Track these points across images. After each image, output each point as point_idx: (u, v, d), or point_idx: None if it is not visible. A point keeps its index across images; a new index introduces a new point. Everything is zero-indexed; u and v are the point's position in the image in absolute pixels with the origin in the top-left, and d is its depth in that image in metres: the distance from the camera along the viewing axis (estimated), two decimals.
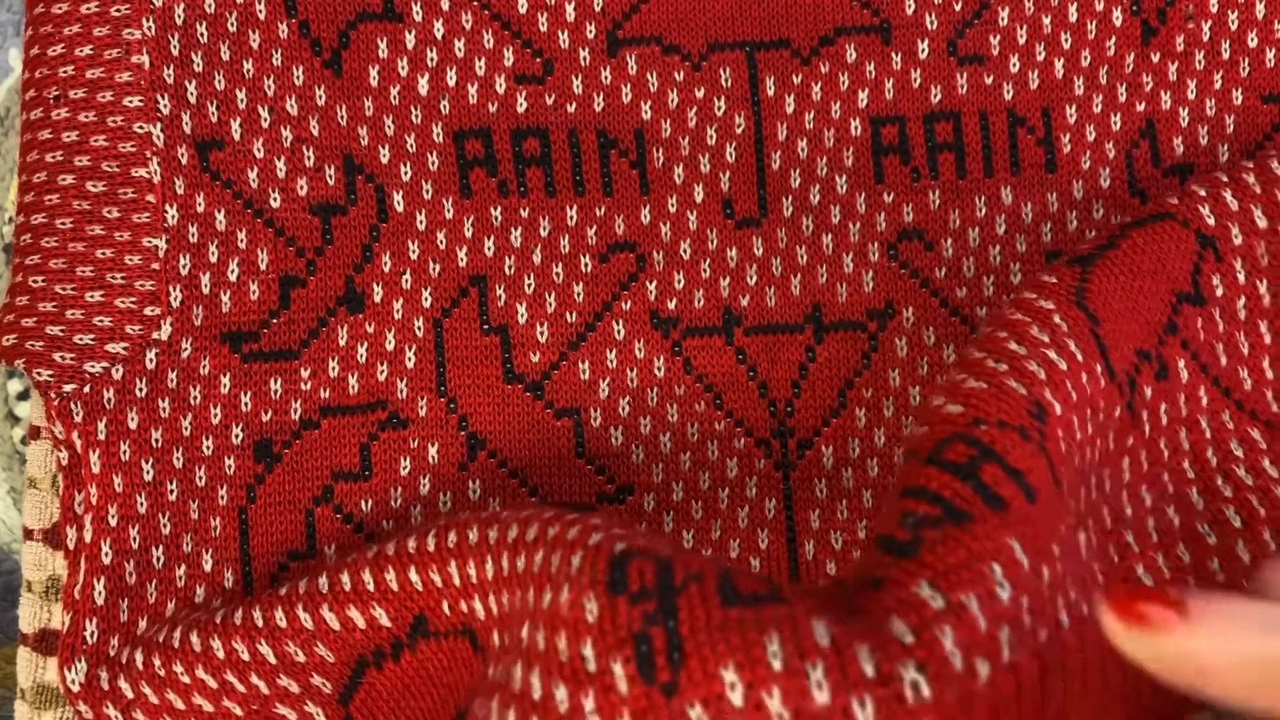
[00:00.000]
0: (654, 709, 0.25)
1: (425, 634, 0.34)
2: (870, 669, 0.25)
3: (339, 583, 0.35)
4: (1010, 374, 0.31)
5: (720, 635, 0.25)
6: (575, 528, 0.30)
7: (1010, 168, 0.42)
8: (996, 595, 0.26)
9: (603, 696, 0.26)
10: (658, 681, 0.25)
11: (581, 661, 0.26)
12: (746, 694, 0.25)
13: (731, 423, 0.41)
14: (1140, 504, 0.34)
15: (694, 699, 0.25)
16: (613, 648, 0.26)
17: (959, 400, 0.30)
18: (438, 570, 0.34)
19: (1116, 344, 0.33)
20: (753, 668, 0.25)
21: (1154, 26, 0.43)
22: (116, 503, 0.38)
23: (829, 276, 0.41)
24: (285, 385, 0.40)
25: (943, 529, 0.27)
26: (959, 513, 0.27)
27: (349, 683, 0.36)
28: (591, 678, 0.26)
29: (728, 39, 0.42)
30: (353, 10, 0.41)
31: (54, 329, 0.38)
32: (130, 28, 0.39)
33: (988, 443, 0.29)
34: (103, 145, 0.39)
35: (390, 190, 0.41)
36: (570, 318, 0.41)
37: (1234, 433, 0.36)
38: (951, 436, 0.29)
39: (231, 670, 0.36)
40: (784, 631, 0.25)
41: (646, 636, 0.26)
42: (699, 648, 0.25)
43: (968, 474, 0.28)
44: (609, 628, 0.26)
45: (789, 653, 0.25)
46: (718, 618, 0.26)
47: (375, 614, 0.35)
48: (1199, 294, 0.36)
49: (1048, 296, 0.34)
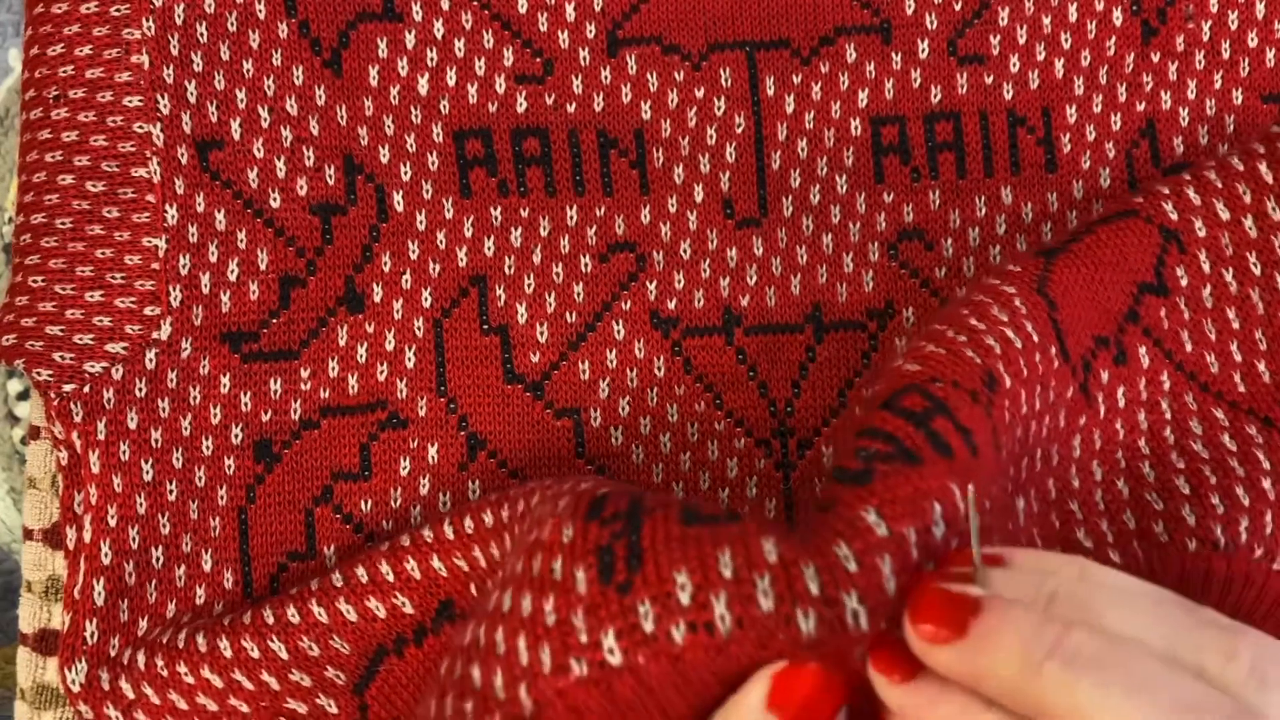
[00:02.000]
0: (606, 603, 0.27)
1: (452, 617, 0.36)
2: (815, 588, 0.27)
3: (354, 576, 0.36)
4: (968, 345, 0.33)
5: (677, 546, 0.28)
6: (567, 483, 0.32)
7: (1010, 167, 0.42)
8: (932, 532, 0.28)
9: (562, 598, 0.28)
10: (614, 582, 0.27)
11: (550, 574, 0.28)
12: (694, 594, 0.27)
13: (731, 423, 0.41)
14: (1089, 477, 0.36)
15: (644, 596, 0.27)
16: (578, 558, 0.28)
17: (917, 361, 0.32)
18: (462, 555, 0.35)
19: (1073, 329, 0.36)
20: (704, 573, 0.27)
21: (1154, 26, 0.43)
22: (116, 503, 0.37)
23: (829, 276, 0.41)
24: (285, 385, 0.40)
25: (893, 464, 0.29)
26: (910, 453, 0.29)
27: (365, 672, 0.36)
28: (556, 584, 0.28)
29: (728, 39, 0.42)
30: (353, 10, 0.41)
31: (54, 329, 0.38)
32: (130, 28, 0.39)
33: (941, 397, 0.31)
34: (102, 145, 0.39)
35: (390, 190, 0.41)
36: (570, 318, 0.41)
37: (1195, 413, 0.38)
38: (908, 387, 0.31)
39: (240, 669, 0.36)
40: (735, 546, 0.27)
41: (610, 549, 0.28)
42: (655, 555, 0.27)
43: (920, 421, 0.30)
44: (579, 544, 0.28)
45: (739, 564, 0.27)
46: (676, 532, 0.28)
47: (398, 602, 0.36)
48: (1162, 284, 0.38)
49: (1011, 282, 0.36)
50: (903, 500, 0.28)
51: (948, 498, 0.28)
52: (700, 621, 0.27)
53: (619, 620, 0.27)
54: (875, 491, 0.28)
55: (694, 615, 0.27)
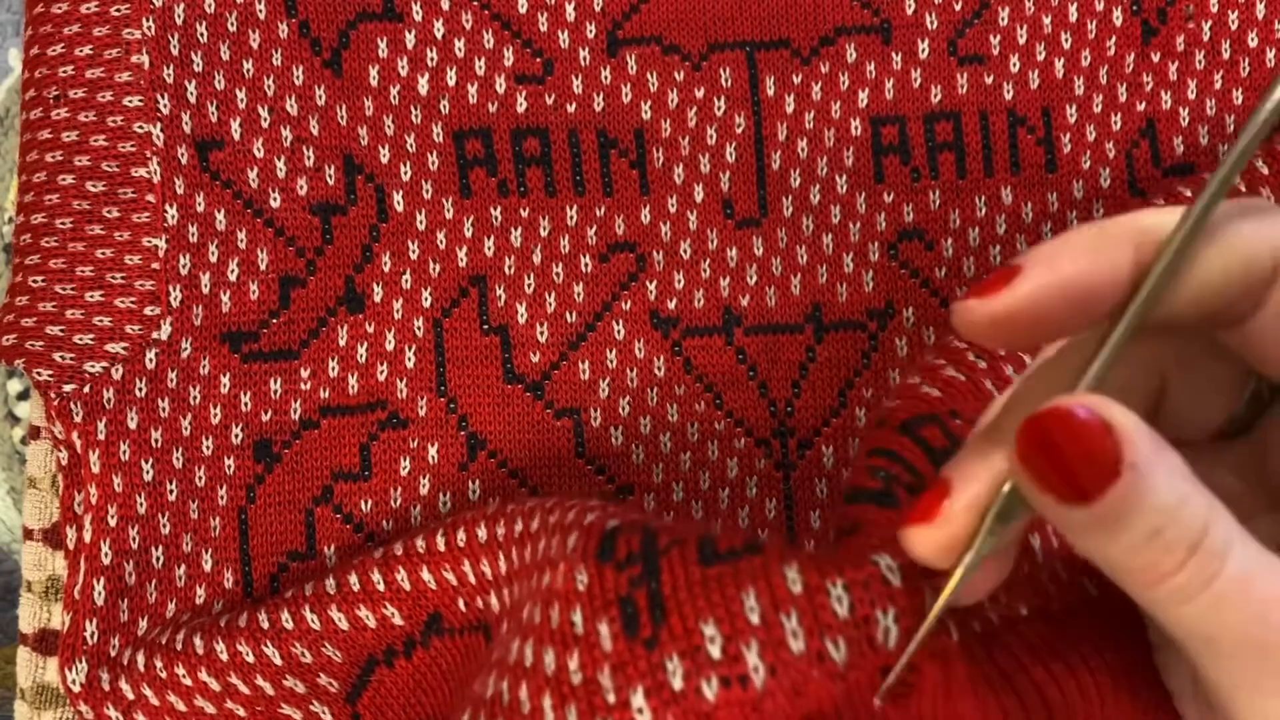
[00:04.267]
0: (634, 660, 0.26)
1: (440, 631, 0.35)
2: (844, 610, 0.26)
3: (346, 583, 0.36)
4: (987, 374, 0.32)
5: (701, 591, 0.26)
6: (572, 512, 0.31)
7: (1010, 167, 0.42)
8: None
9: (587, 654, 0.27)
10: (640, 637, 0.26)
11: (570, 627, 0.27)
12: (725, 646, 0.26)
13: (731, 423, 0.41)
14: None
15: (673, 651, 0.26)
16: (600, 610, 0.27)
17: (937, 385, 0.32)
18: (451, 569, 0.34)
19: None
20: (731, 621, 0.26)
21: (1154, 26, 0.43)
22: (116, 503, 0.37)
23: (829, 276, 0.41)
24: (285, 385, 0.40)
25: (914, 490, 0.28)
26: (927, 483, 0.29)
27: (357, 681, 0.36)
28: (579, 639, 0.27)
29: (728, 39, 0.42)
30: (353, 10, 0.41)
31: (54, 329, 0.38)
32: (130, 27, 0.39)
33: (960, 437, 0.30)
34: (102, 145, 0.39)
35: (390, 190, 0.41)
36: (570, 318, 0.41)
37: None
38: (929, 417, 0.31)
39: (236, 672, 0.36)
40: (759, 585, 0.26)
41: (631, 599, 0.27)
42: (679, 605, 0.26)
43: (940, 459, 0.29)
44: (597, 593, 0.27)
45: (764, 605, 0.26)
46: (697, 575, 0.27)
47: (387, 613, 0.35)
48: None
49: None
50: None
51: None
52: (734, 675, 0.26)
53: (647, 679, 0.26)
54: (905, 514, 0.27)
55: (726, 669, 0.26)
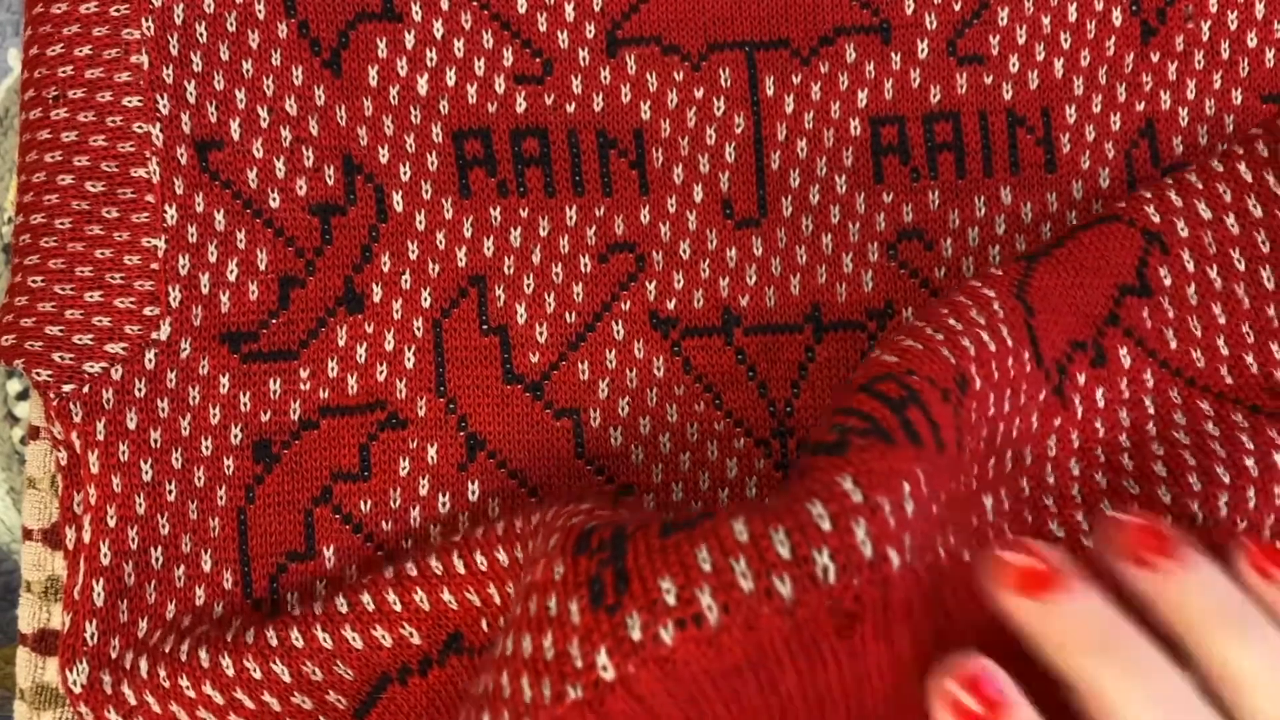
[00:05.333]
0: (598, 626, 0.28)
1: (459, 650, 0.36)
2: (786, 551, 0.27)
3: (360, 603, 0.36)
4: (944, 344, 0.33)
5: (659, 556, 0.28)
6: (562, 518, 0.32)
7: (1010, 168, 0.42)
8: (903, 507, 0.29)
9: (559, 630, 0.28)
10: (604, 605, 0.28)
11: (545, 611, 0.29)
12: (679, 594, 0.27)
13: (731, 423, 0.41)
14: (1066, 473, 0.37)
15: (633, 610, 0.27)
16: (571, 593, 0.29)
17: (895, 353, 0.33)
18: (475, 592, 0.35)
19: (1048, 334, 0.36)
20: (686, 573, 0.28)
21: (1153, 26, 0.43)
22: (115, 503, 0.37)
23: (828, 276, 0.41)
24: (284, 385, 0.40)
25: (869, 439, 0.29)
26: (885, 432, 0.30)
27: (366, 698, 0.36)
28: (552, 620, 0.29)
29: (727, 39, 0.42)
30: (352, 10, 0.41)
31: (53, 329, 0.38)
32: (129, 28, 0.39)
33: (916, 389, 0.32)
34: (102, 145, 0.39)
35: (389, 190, 0.41)
36: (570, 318, 0.41)
37: (1180, 406, 0.38)
38: (886, 375, 0.32)
39: (242, 688, 0.36)
40: (710, 540, 0.28)
41: (599, 578, 0.28)
42: (639, 570, 0.28)
43: (896, 407, 0.31)
44: (570, 579, 0.29)
45: (715, 555, 0.28)
46: (656, 545, 0.28)
47: (405, 632, 0.36)
48: (1145, 285, 0.39)
49: (991, 285, 0.37)
50: (878, 472, 0.29)
51: (914, 480, 0.29)
52: (689, 616, 0.27)
53: (609, 639, 0.27)
54: (851, 461, 0.29)
55: (681, 612, 0.27)
